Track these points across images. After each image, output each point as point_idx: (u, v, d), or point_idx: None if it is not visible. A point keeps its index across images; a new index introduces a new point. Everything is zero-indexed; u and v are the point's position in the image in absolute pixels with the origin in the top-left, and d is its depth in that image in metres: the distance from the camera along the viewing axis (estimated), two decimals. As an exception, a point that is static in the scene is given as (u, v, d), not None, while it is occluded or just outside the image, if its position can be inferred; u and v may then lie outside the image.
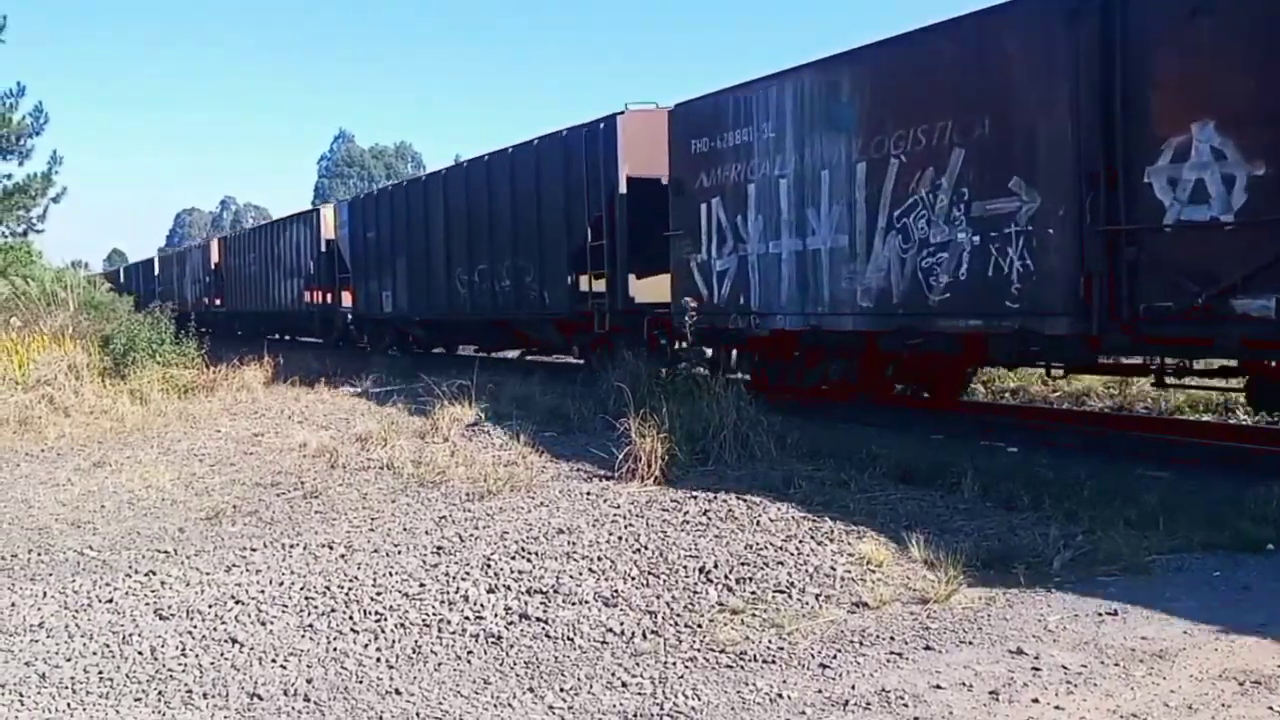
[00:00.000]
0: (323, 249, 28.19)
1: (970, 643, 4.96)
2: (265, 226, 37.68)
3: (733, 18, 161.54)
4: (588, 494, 8.40)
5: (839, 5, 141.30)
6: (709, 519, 7.32)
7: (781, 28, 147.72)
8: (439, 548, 7.03)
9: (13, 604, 6.29)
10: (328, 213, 29.12)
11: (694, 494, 8.04)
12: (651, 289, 15.24)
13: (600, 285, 15.81)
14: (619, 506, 7.88)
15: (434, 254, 21.33)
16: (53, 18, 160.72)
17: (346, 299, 26.95)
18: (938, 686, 4.46)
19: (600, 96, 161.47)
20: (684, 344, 13.70)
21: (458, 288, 20.36)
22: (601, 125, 15.67)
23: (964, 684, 4.47)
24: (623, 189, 15.19)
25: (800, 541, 6.65)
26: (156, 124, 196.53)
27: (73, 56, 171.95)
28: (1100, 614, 5.24)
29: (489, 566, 6.50)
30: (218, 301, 40.14)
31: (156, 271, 52.06)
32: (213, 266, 40.59)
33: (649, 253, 14.90)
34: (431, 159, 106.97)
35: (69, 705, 4.73)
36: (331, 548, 7.21)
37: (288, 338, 34.36)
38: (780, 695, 4.47)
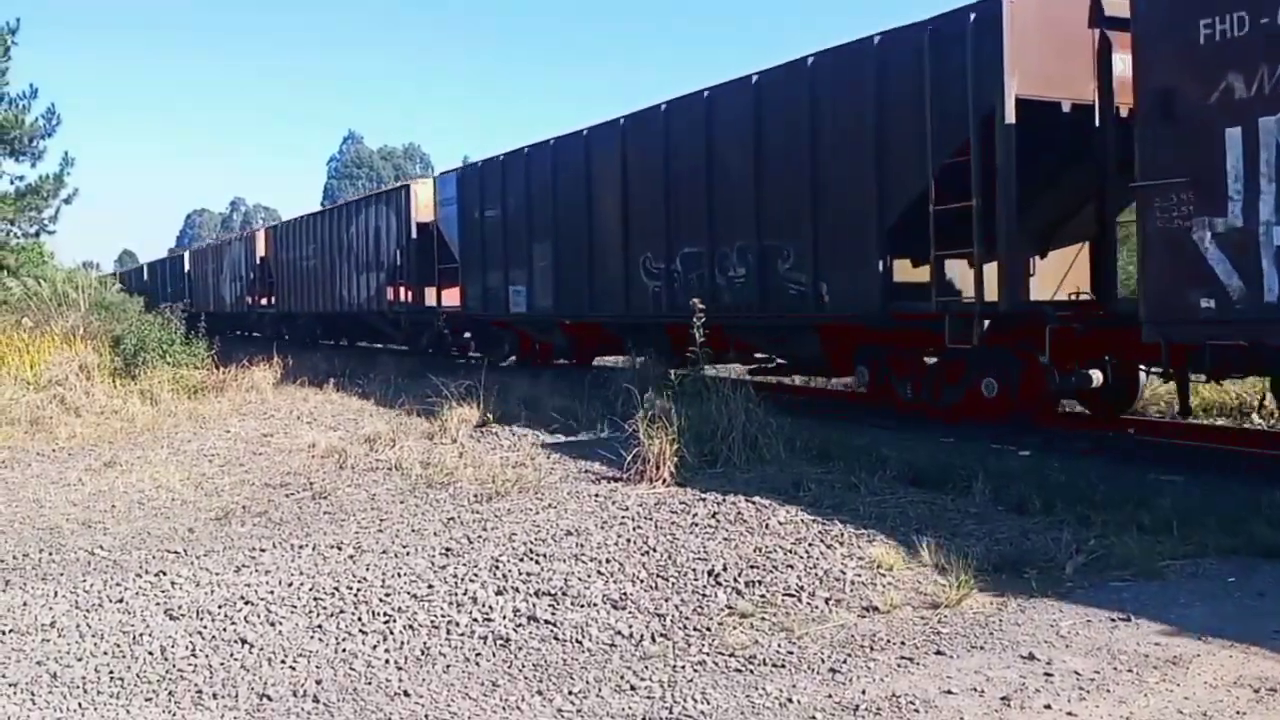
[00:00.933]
0: (413, 234, 23.17)
1: (982, 648, 4.93)
2: (331, 211, 31.12)
3: (742, 13, 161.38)
4: (596, 496, 8.39)
5: None
6: (718, 521, 7.30)
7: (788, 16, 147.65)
8: (447, 549, 7.02)
9: (24, 603, 6.29)
10: (423, 189, 23.56)
11: (703, 496, 8.02)
12: (1050, 277, 11.20)
13: (955, 272, 11.16)
14: (627, 508, 7.86)
15: (601, 234, 16.32)
16: (65, 21, 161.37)
17: (446, 297, 22.12)
18: (949, 692, 4.44)
19: (613, 97, 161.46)
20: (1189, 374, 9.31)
21: (642, 279, 15.26)
22: (972, 15, 10.07)
23: (975, 689, 4.45)
24: (1009, 116, 9.75)
25: (810, 545, 6.62)
26: (167, 126, 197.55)
27: (84, 60, 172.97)
28: (1113, 619, 5.21)
29: (497, 568, 6.49)
30: (264, 301, 35.34)
31: (187, 268, 46.95)
32: (258, 260, 35.35)
33: (1043, 220, 10.93)
34: (440, 160, 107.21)
35: (80, 705, 4.73)
36: (340, 548, 7.20)
37: (359, 344, 29.66)
38: (790, 699, 4.44)
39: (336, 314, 28.55)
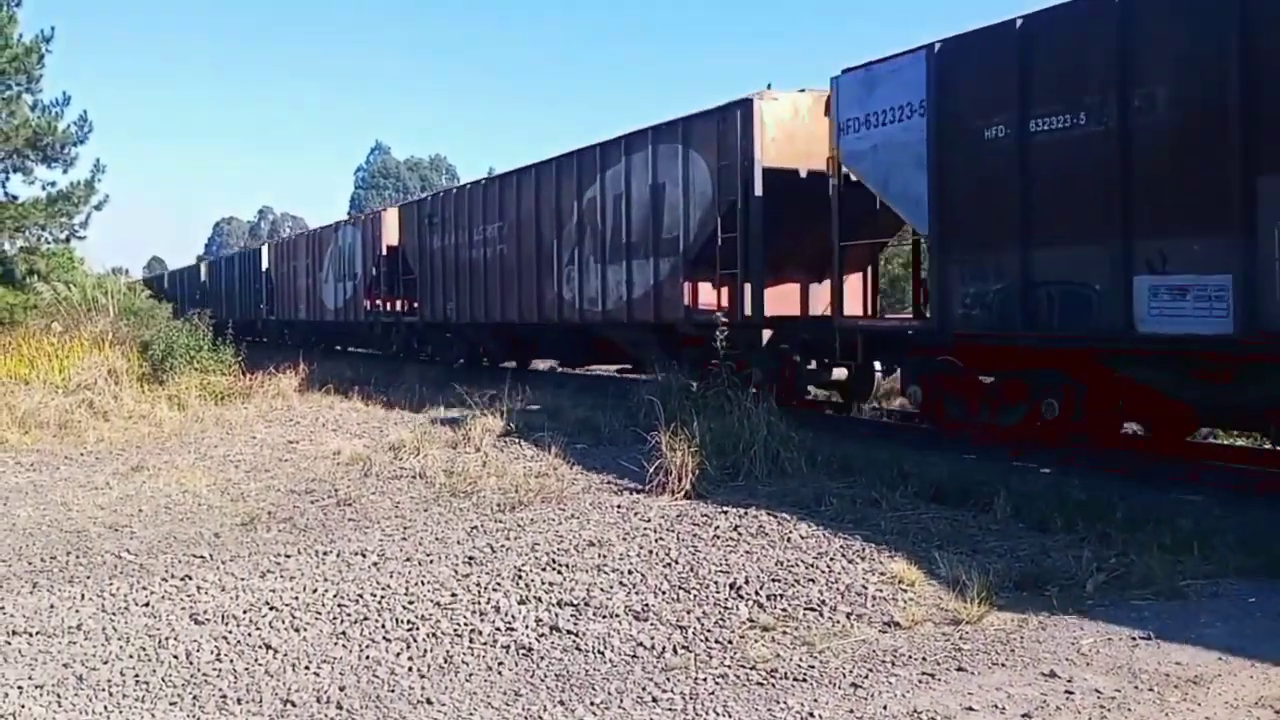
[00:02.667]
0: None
1: (1003, 665, 4.94)
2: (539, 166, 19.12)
3: (758, 27, 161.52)
4: (618, 506, 8.42)
5: None
6: (740, 534, 7.32)
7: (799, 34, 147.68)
8: (471, 558, 7.06)
9: (51, 605, 6.36)
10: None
11: (724, 509, 8.04)
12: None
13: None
14: (650, 520, 7.89)
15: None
16: (97, 32, 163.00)
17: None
18: (970, 708, 4.45)
19: (635, 110, 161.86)
20: None
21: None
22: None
23: (996, 706, 4.46)
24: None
25: (831, 559, 6.64)
26: (196, 134, 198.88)
27: (116, 68, 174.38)
28: (1134, 638, 5.21)
29: (520, 577, 6.53)
30: (395, 306, 26.59)
31: (265, 264, 38.20)
32: (384, 251, 26.52)
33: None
34: (465, 172, 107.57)
35: (105, 707, 4.79)
36: (364, 555, 7.26)
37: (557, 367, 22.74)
38: (811, 714, 4.46)
39: (535, 325, 19.67)
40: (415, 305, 24.68)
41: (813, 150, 12.94)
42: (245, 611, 6.08)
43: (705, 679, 4.89)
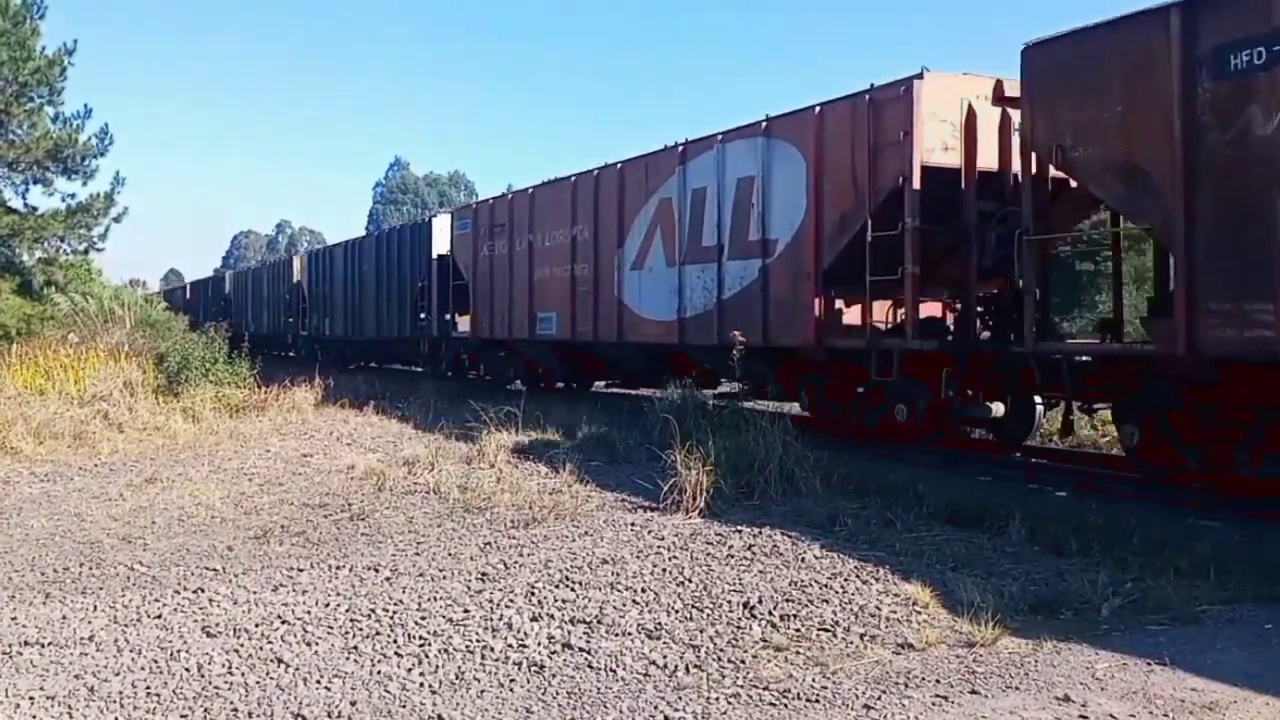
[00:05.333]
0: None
1: (1017, 688, 4.90)
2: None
3: (785, 46, 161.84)
4: (632, 524, 8.40)
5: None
6: (753, 554, 7.30)
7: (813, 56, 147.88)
8: (483, 574, 7.05)
9: (63, 616, 6.37)
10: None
11: (738, 528, 8.02)
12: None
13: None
14: (663, 538, 7.87)
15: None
16: (122, 42, 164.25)
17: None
18: (983, 732, 4.42)
19: (652, 128, 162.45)
20: None
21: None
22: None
23: (1010, 730, 4.42)
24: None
25: (845, 580, 6.61)
26: (215, 148, 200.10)
27: (135, 82, 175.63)
28: (1149, 663, 5.16)
29: (533, 594, 6.52)
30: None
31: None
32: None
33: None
34: (484, 188, 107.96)
35: (116, 719, 4.79)
36: (377, 570, 7.25)
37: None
38: (823, 735, 4.44)
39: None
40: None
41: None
42: (257, 625, 6.08)
43: (718, 698, 4.87)
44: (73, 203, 23.48)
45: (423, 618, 6.13)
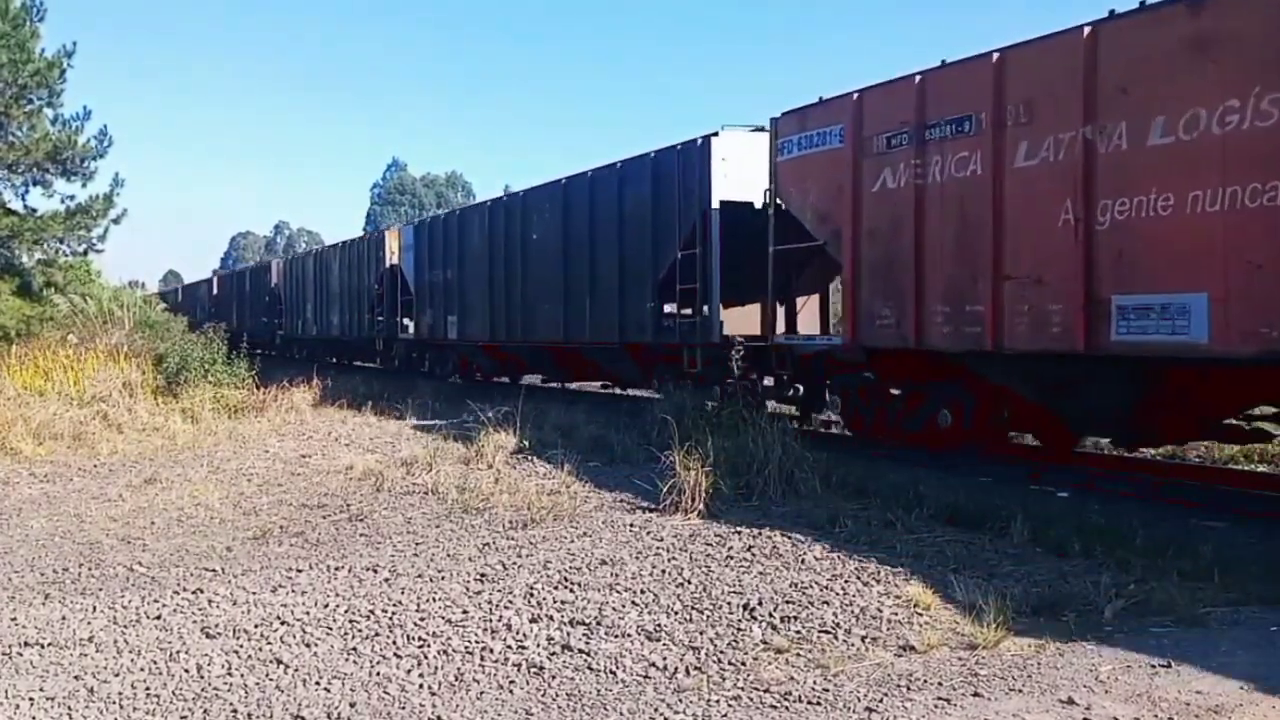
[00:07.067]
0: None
1: (1020, 691, 4.87)
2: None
3: (779, 50, 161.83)
4: (631, 525, 8.38)
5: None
6: (753, 555, 7.28)
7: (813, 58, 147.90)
8: (482, 575, 7.03)
9: (63, 617, 6.35)
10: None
11: (738, 529, 8.00)
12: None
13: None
14: (662, 539, 7.85)
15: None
16: (121, 43, 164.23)
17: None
18: (986, 734, 4.39)
19: (648, 129, 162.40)
20: None
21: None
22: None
23: (1013, 732, 4.40)
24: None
25: (846, 581, 6.59)
26: (214, 149, 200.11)
27: (133, 84, 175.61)
28: (1153, 666, 5.13)
29: (532, 595, 6.49)
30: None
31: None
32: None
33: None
34: (481, 189, 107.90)
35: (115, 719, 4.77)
36: (376, 571, 7.23)
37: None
38: (825, 737, 4.41)
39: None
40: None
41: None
42: (256, 626, 6.05)
43: (718, 700, 4.84)
44: (72, 204, 23.47)
45: (422, 619, 6.10)
